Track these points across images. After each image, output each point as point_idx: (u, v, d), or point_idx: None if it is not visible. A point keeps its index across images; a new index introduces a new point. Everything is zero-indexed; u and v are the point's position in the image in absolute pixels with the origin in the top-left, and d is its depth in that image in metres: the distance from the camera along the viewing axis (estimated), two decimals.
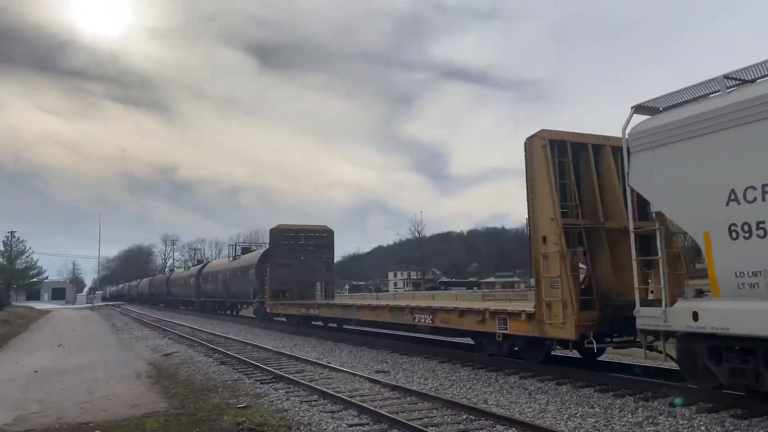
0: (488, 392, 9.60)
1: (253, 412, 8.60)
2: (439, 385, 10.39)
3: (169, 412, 8.90)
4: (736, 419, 7.16)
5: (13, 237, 72.06)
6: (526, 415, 7.85)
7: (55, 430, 8.00)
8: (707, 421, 7.12)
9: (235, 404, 9.29)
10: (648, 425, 7.09)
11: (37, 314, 47.25)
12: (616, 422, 7.29)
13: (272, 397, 9.76)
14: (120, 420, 8.46)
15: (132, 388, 11.28)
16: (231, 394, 10.15)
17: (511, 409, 8.31)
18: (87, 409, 9.33)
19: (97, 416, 8.74)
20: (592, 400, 8.62)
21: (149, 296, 65.05)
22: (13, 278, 69.75)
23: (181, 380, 12.07)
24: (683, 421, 7.20)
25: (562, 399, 8.82)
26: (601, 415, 7.68)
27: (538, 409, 8.25)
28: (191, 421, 8.30)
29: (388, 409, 8.25)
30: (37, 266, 77.00)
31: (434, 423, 7.52)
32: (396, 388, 9.91)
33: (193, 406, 9.36)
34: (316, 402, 9.16)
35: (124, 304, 73.88)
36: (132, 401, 9.85)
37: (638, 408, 7.98)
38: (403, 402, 8.99)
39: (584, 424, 7.26)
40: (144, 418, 8.49)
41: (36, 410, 9.28)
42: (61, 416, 8.80)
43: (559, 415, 7.78)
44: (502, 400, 8.96)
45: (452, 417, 7.88)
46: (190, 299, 44.85)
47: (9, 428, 8.09)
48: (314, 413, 8.35)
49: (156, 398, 10.13)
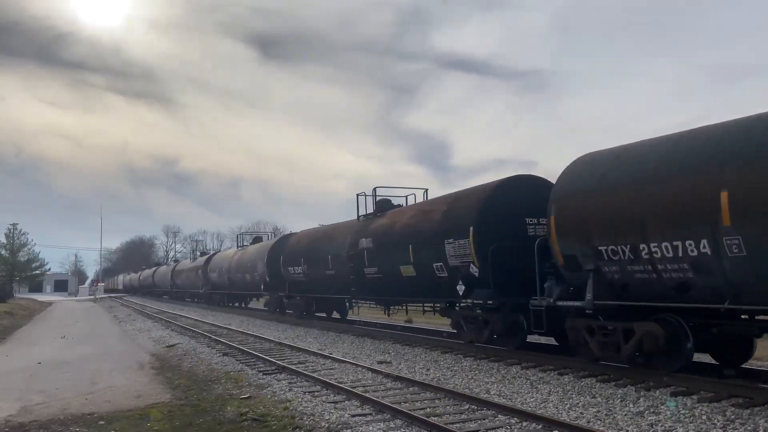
0: (490, 382, 9.64)
1: (256, 403, 8.64)
2: (441, 376, 10.43)
3: (173, 403, 8.95)
4: (737, 408, 7.18)
5: (15, 229, 72.31)
6: (528, 405, 7.88)
7: (60, 420, 8.05)
8: (708, 411, 7.15)
9: (238, 395, 9.34)
10: (650, 414, 7.12)
11: (40, 306, 47.47)
12: (618, 412, 7.32)
13: (275, 387, 9.80)
14: (124, 411, 8.51)
15: (135, 379, 11.34)
16: (234, 385, 10.20)
17: (513, 399, 8.34)
18: (91, 399, 9.38)
19: (101, 407, 8.79)
20: (594, 390, 8.65)
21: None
22: (15, 270, 69.99)
23: (184, 371, 12.13)
24: (684, 410, 7.22)
25: (564, 389, 8.85)
26: (602, 405, 7.71)
27: (540, 398, 8.28)
28: (195, 411, 8.35)
29: (390, 400, 8.28)
30: (39, 258, 77.38)
31: (437, 413, 7.55)
32: (398, 379, 9.95)
33: (197, 396, 9.41)
34: (319, 392, 9.20)
35: (126, 296, 74.01)
36: (136, 392, 9.90)
37: (640, 398, 8.01)
38: (405, 392, 9.03)
39: (586, 414, 7.29)
40: (148, 409, 8.54)
41: (40, 401, 9.33)
42: (66, 407, 8.86)
43: (561, 405, 7.81)
44: (504, 390, 8.99)
45: (454, 407, 7.91)
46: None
47: (14, 419, 8.14)
48: (317, 404, 8.39)
49: (159, 389, 10.19)
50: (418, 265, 14.43)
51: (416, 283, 14.85)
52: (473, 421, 7.18)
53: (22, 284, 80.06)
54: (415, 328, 19.17)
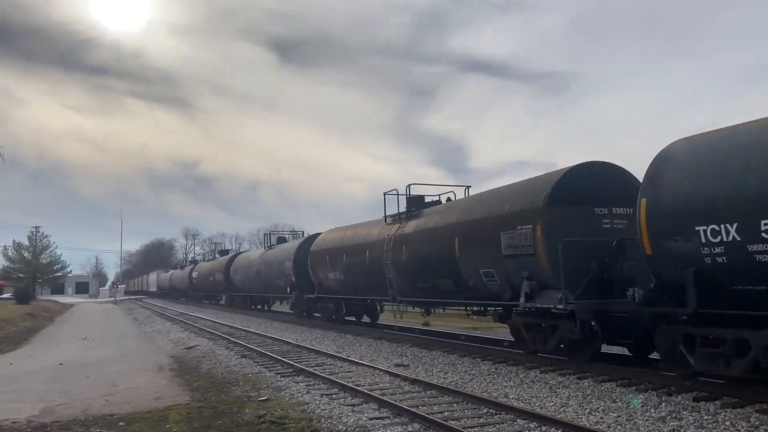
0: (509, 386, 9.56)
1: (274, 405, 8.66)
2: (459, 379, 10.37)
3: (192, 405, 9.00)
4: (761, 414, 7.04)
5: (38, 232, 73.37)
6: (547, 410, 7.80)
7: (81, 422, 8.13)
8: (732, 417, 7.02)
9: (256, 397, 9.37)
10: (672, 420, 7.01)
11: (62, 308, 48.09)
12: (639, 417, 7.22)
13: (293, 390, 9.82)
14: (143, 412, 8.58)
15: (154, 380, 11.42)
16: (252, 387, 10.23)
17: (532, 403, 8.27)
18: (111, 401, 9.47)
19: (121, 408, 8.86)
20: (614, 395, 8.54)
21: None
22: (38, 272, 71.02)
23: (202, 373, 12.20)
24: (707, 416, 7.10)
25: (584, 393, 8.76)
26: (623, 410, 7.61)
27: (559, 403, 8.20)
28: (213, 413, 8.39)
29: (408, 403, 8.24)
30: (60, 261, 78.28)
31: (455, 417, 7.50)
32: (416, 382, 9.92)
33: (215, 398, 9.46)
34: (337, 395, 9.20)
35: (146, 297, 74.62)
36: (155, 394, 9.97)
37: (661, 403, 7.89)
38: (423, 396, 8.99)
39: (606, 419, 7.20)
40: (167, 411, 8.59)
41: (62, 402, 9.44)
42: (87, 408, 8.94)
43: (581, 410, 7.72)
44: (522, 394, 8.92)
45: (473, 411, 7.86)
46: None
47: (36, 419, 8.24)
48: (334, 406, 8.38)
49: (178, 391, 10.25)
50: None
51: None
52: (491, 425, 7.12)
53: (44, 286, 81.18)
54: (432, 331, 19.11)
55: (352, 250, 19.51)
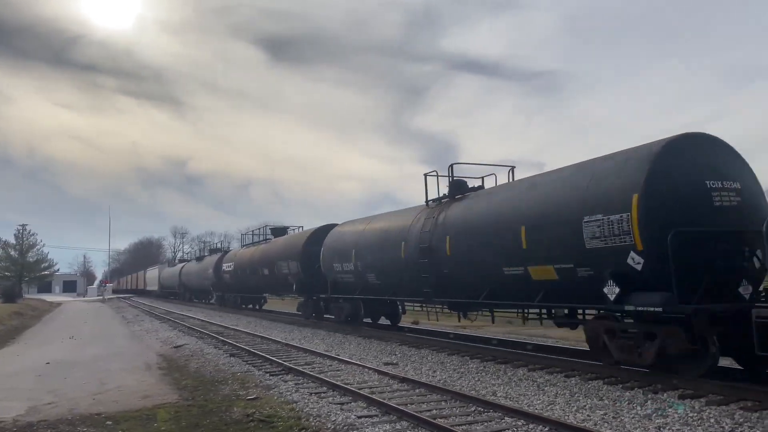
0: (497, 384, 9.62)
1: (262, 404, 8.67)
2: (448, 377, 10.41)
3: (180, 404, 8.98)
4: (745, 411, 7.13)
5: (25, 230, 72.83)
6: (535, 407, 7.86)
7: (68, 420, 8.09)
8: (717, 414, 7.10)
9: (245, 396, 9.36)
10: (657, 418, 7.08)
11: (49, 306, 47.75)
12: (625, 414, 7.29)
13: (282, 388, 9.82)
14: (132, 411, 8.55)
15: (143, 379, 11.38)
16: (240, 386, 10.22)
17: (519, 401, 8.32)
18: (99, 400, 9.43)
19: (109, 407, 8.83)
20: (601, 393, 8.61)
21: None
22: (24, 271, 70.53)
23: (191, 372, 12.17)
24: (692, 413, 7.19)
25: (571, 391, 8.82)
26: (610, 408, 7.68)
27: (546, 401, 8.26)
28: (202, 412, 8.38)
29: (396, 401, 8.27)
30: (48, 259, 77.90)
31: (443, 414, 7.54)
32: (405, 380, 9.95)
33: (204, 397, 9.44)
34: (325, 394, 9.21)
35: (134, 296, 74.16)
36: (143, 392, 9.94)
37: (647, 400, 7.97)
38: (411, 394, 9.02)
39: (593, 416, 7.26)
40: (155, 409, 8.57)
41: (49, 401, 9.39)
42: (74, 407, 8.90)
43: (568, 407, 7.78)
44: (510, 392, 8.97)
45: (461, 409, 7.90)
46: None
47: (23, 419, 8.20)
48: (323, 405, 8.40)
49: (167, 390, 10.23)
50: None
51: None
52: (480, 423, 7.17)
53: (31, 285, 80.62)
54: (420, 329, 19.15)
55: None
